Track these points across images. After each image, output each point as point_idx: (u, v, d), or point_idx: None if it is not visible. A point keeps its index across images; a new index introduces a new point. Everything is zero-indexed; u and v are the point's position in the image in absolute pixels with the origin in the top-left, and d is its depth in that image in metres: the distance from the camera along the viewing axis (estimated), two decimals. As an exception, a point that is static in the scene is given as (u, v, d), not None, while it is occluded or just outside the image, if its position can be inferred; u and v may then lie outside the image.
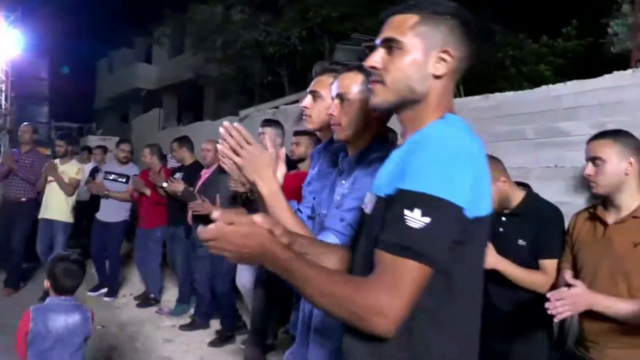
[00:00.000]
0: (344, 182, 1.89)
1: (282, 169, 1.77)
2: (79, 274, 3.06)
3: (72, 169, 6.82)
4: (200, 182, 5.58)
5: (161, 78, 19.57)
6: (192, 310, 5.97)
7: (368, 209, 1.40)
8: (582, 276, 2.32)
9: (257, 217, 1.29)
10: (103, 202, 6.73)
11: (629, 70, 4.49)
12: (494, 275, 2.63)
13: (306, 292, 1.25)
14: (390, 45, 1.35)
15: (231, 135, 1.61)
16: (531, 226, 2.67)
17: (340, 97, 1.87)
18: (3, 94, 10.86)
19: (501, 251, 2.66)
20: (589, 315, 2.22)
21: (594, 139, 2.33)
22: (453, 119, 1.36)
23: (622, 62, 6.48)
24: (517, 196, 2.78)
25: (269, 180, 1.65)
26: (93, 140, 13.04)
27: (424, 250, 1.17)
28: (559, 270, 2.52)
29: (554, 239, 2.55)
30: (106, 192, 6.59)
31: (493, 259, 2.57)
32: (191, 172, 5.98)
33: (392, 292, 1.17)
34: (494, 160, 2.80)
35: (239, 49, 12.38)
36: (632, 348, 2.17)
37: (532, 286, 2.58)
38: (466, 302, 1.30)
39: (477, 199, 1.24)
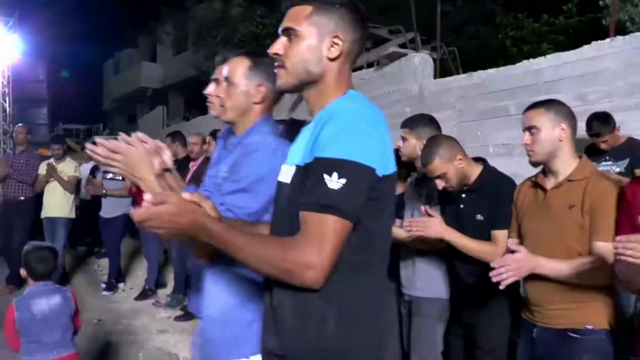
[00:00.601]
0: (225, 167, 1.94)
1: (165, 155, 1.71)
2: (51, 259, 3.22)
3: (69, 168, 6.96)
4: (189, 174, 5.65)
5: (166, 76, 19.70)
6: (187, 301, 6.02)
7: (286, 179, 1.51)
8: (525, 242, 2.36)
9: (186, 194, 1.39)
10: (104, 199, 6.85)
11: (607, 40, 4.44)
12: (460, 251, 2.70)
13: (240, 257, 1.36)
14: (289, 33, 1.49)
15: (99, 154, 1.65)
16: (487, 200, 2.72)
17: (227, 80, 1.98)
18: (7, 98, 11.00)
19: (462, 227, 2.71)
20: (532, 279, 2.26)
21: (528, 110, 2.40)
22: (354, 94, 1.51)
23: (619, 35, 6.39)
24: (474, 172, 2.82)
25: (146, 175, 1.66)
26: (97, 141, 13.12)
27: (343, 206, 1.31)
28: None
29: (505, 210, 2.58)
30: (103, 192, 6.70)
31: (441, 229, 2.65)
32: (182, 165, 6.03)
33: (318, 245, 1.30)
34: (449, 139, 2.87)
35: (237, 43, 12.43)
36: (572, 309, 2.22)
37: (482, 255, 2.60)
38: (379, 254, 1.45)
39: (383, 160, 1.38)
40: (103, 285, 6.95)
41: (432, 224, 2.66)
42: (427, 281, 2.99)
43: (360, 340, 1.41)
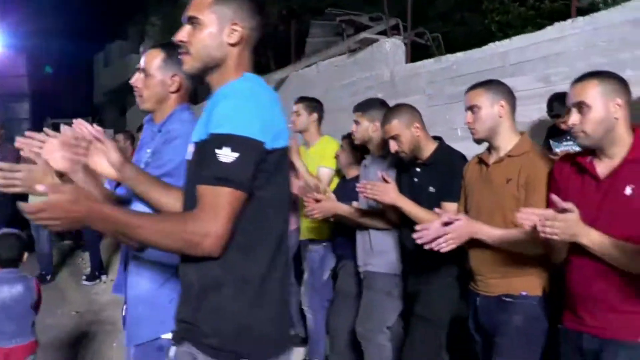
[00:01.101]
0: (148, 150, 2.09)
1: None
2: (17, 247, 3.27)
3: None
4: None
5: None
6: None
7: (190, 157, 1.63)
8: (470, 214, 2.49)
9: (78, 184, 1.52)
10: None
11: (569, 20, 4.44)
12: (410, 220, 2.78)
13: (142, 237, 1.45)
14: (193, 22, 1.60)
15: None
16: (440, 174, 2.83)
17: (144, 71, 2.11)
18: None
19: (415, 199, 2.82)
20: (474, 249, 2.41)
21: (469, 91, 2.52)
22: (250, 76, 1.62)
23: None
24: (429, 147, 2.94)
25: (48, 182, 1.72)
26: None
27: (235, 178, 1.42)
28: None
29: (456, 184, 2.68)
30: None
31: (395, 195, 2.78)
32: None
33: (213, 215, 1.41)
34: (412, 109, 3.01)
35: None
36: (509, 277, 2.36)
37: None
38: (274, 224, 1.56)
39: (272, 134, 1.49)
40: (84, 277, 7.01)
41: (387, 190, 2.76)
42: (380, 257, 3.09)
43: (258, 308, 1.51)
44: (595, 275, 1.98)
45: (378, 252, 3.12)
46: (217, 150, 1.41)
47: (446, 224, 2.30)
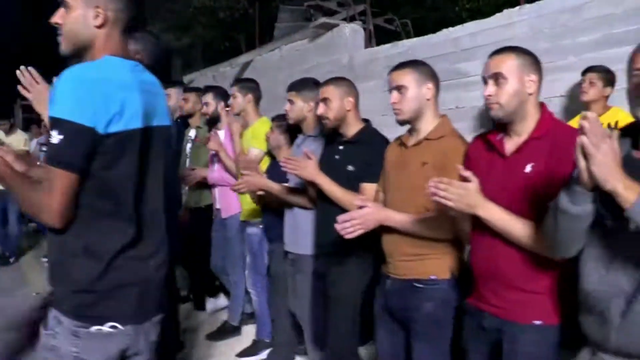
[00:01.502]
0: None
1: None
2: None
3: (18, 142, 7.11)
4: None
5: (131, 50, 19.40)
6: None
7: None
8: (387, 197, 2.52)
9: None
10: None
11: (517, 8, 4.52)
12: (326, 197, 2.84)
13: (19, 199, 1.65)
14: (64, 5, 1.75)
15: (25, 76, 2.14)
16: (361, 154, 2.84)
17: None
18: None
19: (335, 177, 2.83)
20: (386, 232, 2.43)
21: (395, 69, 2.51)
22: (107, 59, 1.71)
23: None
24: (356, 126, 2.96)
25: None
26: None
27: (62, 159, 1.56)
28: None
29: (377, 166, 2.69)
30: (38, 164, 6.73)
31: (315, 172, 2.83)
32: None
33: (48, 191, 1.57)
34: (349, 82, 3.04)
35: (191, 17, 12.31)
36: (418, 260, 2.38)
37: (346, 204, 2.69)
38: (121, 201, 1.70)
39: (107, 119, 1.61)
40: (44, 260, 7.00)
41: (307, 165, 2.79)
42: (306, 237, 3.11)
43: (106, 277, 1.66)
44: (495, 252, 2.00)
45: (304, 232, 3.16)
46: (52, 132, 1.56)
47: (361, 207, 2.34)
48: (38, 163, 2.20)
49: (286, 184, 3.28)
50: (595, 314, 1.62)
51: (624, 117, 3.48)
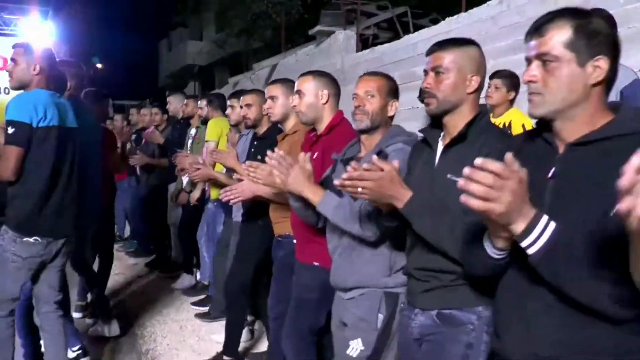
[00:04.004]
0: None
1: None
2: None
3: None
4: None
5: (211, 53, 20.89)
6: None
7: None
8: None
9: None
10: None
11: (455, 16, 5.03)
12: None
13: None
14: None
15: None
16: (266, 148, 3.37)
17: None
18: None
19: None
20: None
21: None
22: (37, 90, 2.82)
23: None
24: (266, 124, 3.52)
25: None
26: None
27: (15, 141, 2.65)
28: None
29: None
30: None
31: (233, 161, 3.42)
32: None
33: (5, 162, 2.66)
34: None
35: (251, 21, 13.34)
36: (284, 221, 2.86)
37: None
38: (44, 166, 2.73)
39: (38, 118, 2.68)
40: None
41: (229, 156, 3.48)
42: (239, 209, 3.71)
43: (34, 208, 2.71)
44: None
45: (238, 205, 3.81)
46: (7, 127, 2.66)
47: None
48: None
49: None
50: None
51: (519, 118, 3.91)
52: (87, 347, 3.49)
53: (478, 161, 1.05)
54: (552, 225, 1.13)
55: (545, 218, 1.14)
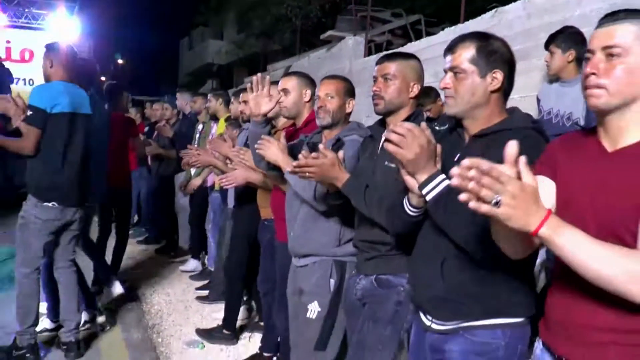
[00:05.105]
0: None
1: None
2: None
3: None
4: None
5: (230, 53, 21.35)
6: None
7: None
8: None
9: None
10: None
11: (452, 27, 5.33)
12: None
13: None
14: None
15: None
16: None
17: None
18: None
19: None
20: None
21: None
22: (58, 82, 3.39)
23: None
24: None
25: None
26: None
27: (33, 122, 3.21)
28: None
29: None
30: None
31: (227, 149, 3.60)
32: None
33: (26, 140, 3.22)
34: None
35: (269, 22, 13.73)
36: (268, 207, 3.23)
37: None
38: (59, 143, 3.31)
39: (52, 105, 3.22)
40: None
41: (224, 145, 3.73)
42: (232, 196, 4.15)
43: (55, 176, 3.28)
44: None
45: (231, 192, 4.17)
46: (29, 111, 3.20)
47: None
48: None
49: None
50: None
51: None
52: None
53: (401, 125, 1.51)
54: (447, 182, 1.50)
55: (442, 176, 1.53)
